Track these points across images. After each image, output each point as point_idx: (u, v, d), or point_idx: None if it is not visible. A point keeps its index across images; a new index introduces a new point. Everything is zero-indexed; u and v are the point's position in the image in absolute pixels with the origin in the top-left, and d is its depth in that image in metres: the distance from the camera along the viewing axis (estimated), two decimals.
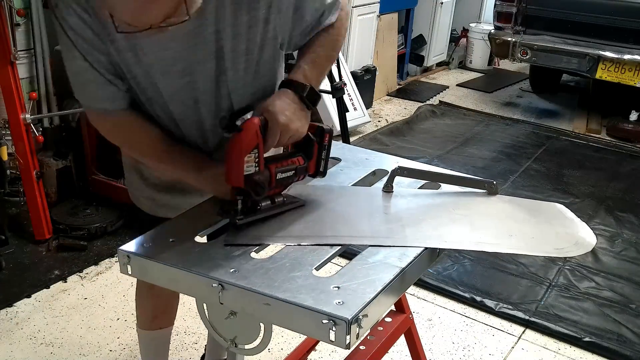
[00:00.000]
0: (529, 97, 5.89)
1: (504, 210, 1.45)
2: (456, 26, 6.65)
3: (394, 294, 1.18)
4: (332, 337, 1.03)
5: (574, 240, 1.35)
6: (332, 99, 3.60)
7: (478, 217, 1.40)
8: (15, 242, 2.80)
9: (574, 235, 1.37)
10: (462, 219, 1.38)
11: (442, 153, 4.26)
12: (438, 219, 1.38)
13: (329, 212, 1.40)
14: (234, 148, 1.23)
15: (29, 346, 2.25)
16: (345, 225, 1.35)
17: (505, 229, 1.37)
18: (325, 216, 1.38)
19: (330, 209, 1.41)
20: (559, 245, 1.32)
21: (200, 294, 1.19)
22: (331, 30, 1.37)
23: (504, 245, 1.30)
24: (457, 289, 2.70)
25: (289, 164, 1.33)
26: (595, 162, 4.30)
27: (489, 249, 1.29)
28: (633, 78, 4.54)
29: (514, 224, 1.39)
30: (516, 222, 1.40)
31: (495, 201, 1.49)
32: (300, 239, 1.26)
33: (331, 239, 1.27)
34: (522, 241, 1.32)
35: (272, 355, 2.26)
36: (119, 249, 1.24)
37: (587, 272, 2.88)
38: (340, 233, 1.30)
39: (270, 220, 1.33)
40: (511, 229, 1.37)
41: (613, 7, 4.63)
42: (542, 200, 1.60)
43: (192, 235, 1.28)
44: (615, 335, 2.46)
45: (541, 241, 1.33)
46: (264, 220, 1.32)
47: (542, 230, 1.39)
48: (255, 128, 1.22)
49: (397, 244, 1.25)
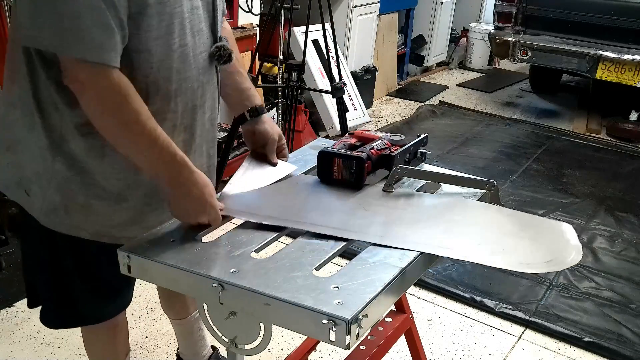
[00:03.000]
0: (529, 97, 5.89)
1: (493, 219, 1.40)
2: (456, 26, 6.65)
3: (394, 294, 1.18)
4: (332, 337, 1.03)
5: (549, 257, 1.27)
6: (332, 99, 3.59)
7: (455, 223, 1.36)
8: (16, 242, 2.79)
9: (552, 253, 1.29)
10: (441, 224, 1.35)
11: (442, 153, 4.26)
12: (415, 220, 1.36)
13: (309, 200, 1.47)
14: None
15: (29, 346, 2.25)
16: (316, 214, 1.38)
17: (479, 237, 1.31)
18: (305, 203, 1.45)
19: (312, 197, 1.47)
20: (528, 260, 1.25)
21: (200, 294, 1.19)
22: (236, 48, 1.54)
23: (468, 253, 1.25)
24: (457, 289, 2.70)
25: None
26: (595, 162, 4.30)
27: (448, 254, 1.25)
28: (633, 78, 4.54)
29: (491, 235, 1.33)
30: (497, 232, 1.35)
31: (488, 210, 1.44)
32: (265, 219, 1.34)
33: (293, 223, 1.32)
34: (488, 251, 1.26)
35: (272, 355, 2.26)
36: (119, 249, 1.24)
37: (587, 272, 2.88)
38: (307, 220, 1.34)
39: (253, 196, 1.46)
40: (486, 238, 1.31)
41: (613, 7, 4.63)
42: (543, 207, 1.56)
43: (192, 235, 1.29)
44: (615, 335, 2.46)
45: (510, 253, 1.26)
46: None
47: (518, 243, 1.31)
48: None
49: (360, 238, 1.27)
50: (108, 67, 1.15)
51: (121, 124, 1.20)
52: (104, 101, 1.18)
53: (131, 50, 1.20)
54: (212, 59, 1.39)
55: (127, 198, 1.36)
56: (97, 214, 1.36)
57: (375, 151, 1.54)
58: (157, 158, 1.24)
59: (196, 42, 1.32)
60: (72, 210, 1.35)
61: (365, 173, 1.50)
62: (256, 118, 1.56)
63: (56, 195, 1.33)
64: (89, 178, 1.32)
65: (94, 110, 1.20)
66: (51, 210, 1.35)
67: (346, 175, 1.50)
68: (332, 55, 3.88)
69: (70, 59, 1.15)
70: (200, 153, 1.47)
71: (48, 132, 1.28)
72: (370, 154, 1.51)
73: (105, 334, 1.69)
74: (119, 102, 1.18)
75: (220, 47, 1.38)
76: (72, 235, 1.38)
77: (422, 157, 1.66)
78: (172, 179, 1.27)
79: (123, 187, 1.34)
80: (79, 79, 1.17)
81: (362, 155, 1.49)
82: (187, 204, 1.29)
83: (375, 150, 1.54)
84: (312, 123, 4.30)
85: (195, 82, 1.35)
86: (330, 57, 3.76)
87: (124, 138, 1.22)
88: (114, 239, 1.38)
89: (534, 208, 3.48)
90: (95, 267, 1.48)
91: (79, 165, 1.30)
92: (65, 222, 1.37)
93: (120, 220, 1.38)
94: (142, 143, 1.22)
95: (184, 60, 1.30)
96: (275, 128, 1.59)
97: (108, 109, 1.19)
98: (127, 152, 1.25)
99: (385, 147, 1.57)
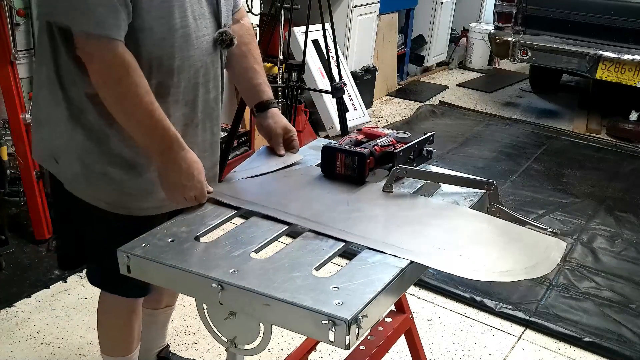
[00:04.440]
0: (529, 97, 5.89)
1: (476, 227, 1.37)
2: (456, 26, 6.65)
3: (393, 294, 1.18)
4: (331, 338, 1.03)
5: (506, 268, 1.23)
6: (332, 99, 3.60)
7: (432, 227, 1.35)
8: (15, 242, 2.80)
9: (519, 263, 1.26)
10: (414, 227, 1.34)
11: (442, 153, 4.26)
12: (396, 222, 1.36)
13: (301, 191, 1.50)
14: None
15: (29, 346, 2.25)
16: (300, 205, 1.41)
17: (440, 242, 1.28)
18: (295, 194, 1.49)
19: (306, 190, 1.50)
20: (477, 267, 1.22)
21: (200, 294, 1.19)
22: (254, 44, 1.66)
23: (430, 258, 1.23)
24: (457, 289, 2.70)
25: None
26: (595, 162, 4.30)
27: (413, 257, 1.22)
28: (633, 78, 4.54)
29: (462, 241, 1.31)
30: (464, 238, 1.32)
31: (477, 219, 1.41)
32: (248, 204, 1.40)
33: (275, 212, 1.36)
34: (448, 257, 1.24)
35: (272, 355, 2.26)
36: (119, 250, 1.24)
37: (587, 272, 2.88)
38: (289, 211, 1.37)
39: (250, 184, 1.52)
40: (450, 243, 1.29)
41: (613, 7, 4.63)
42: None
43: (192, 235, 1.29)
44: (615, 335, 2.46)
45: (472, 261, 1.24)
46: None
47: (487, 252, 1.29)
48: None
49: (339, 236, 1.28)
50: (112, 40, 1.27)
51: (120, 95, 1.31)
52: (107, 72, 1.29)
53: (136, 29, 1.31)
54: (215, 44, 1.48)
55: (139, 166, 1.45)
56: (113, 182, 1.44)
57: (378, 148, 1.55)
58: (150, 131, 1.35)
59: (198, 25, 1.42)
60: (92, 179, 1.45)
61: (367, 169, 1.51)
62: (262, 113, 1.65)
63: (77, 164, 1.44)
64: (104, 146, 1.42)
65: (97, 81, 1.31)
66: (75, 179, 1.47)
67: (349, 171, 1.52)
68: (332, 55, 3.88)
69: (79, 32, 1.28)
70: (204, 129, 1.55)
71: (68, 104, 1.40)
72: (373, 150, 1.53)
73: (123, 318, 1.73)
74: (120, 74, 1.29)
75: (223, 33, 1.48)
76: (94, 205, 1.48)
77: (428, 155, 1.66)
78: (163, 153, 1.37)
79: (134, 155, 1.43)
80: (87, 51, 1.29)
81: (365, 151, 1.51)
82: (175, 177, 1.38)
83: (378, 147, 1.55)
84: (312, 123, 4.30)
85: (199, 61, 1.44)
86: (330, 57, 3.76)
87: (121, 108, 1.33)
88: (129, 210, 1.48)
89: (534, 208, 3.48)
90: (116, 238, 1.50)
91: (95, 135, 1.41)
92: (87, 192, 1.48)
93: (134, 190, 1.46)
94: (137, 114, 1.33)
95: (185, 40, 1.39)
96: (279, 122, 1.65)
97: (110, 80, 1.30)
98: (123, 122, 1.35)
99: (390, 144, 1.58)
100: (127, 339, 1.76)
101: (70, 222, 1.60)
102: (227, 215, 1.38)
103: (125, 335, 1.75)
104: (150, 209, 1.49)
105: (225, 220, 1.37)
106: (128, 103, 1.31)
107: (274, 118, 1.65)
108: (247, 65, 1.64)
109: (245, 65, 1.64)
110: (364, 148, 1.53)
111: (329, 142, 1.60)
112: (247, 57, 1.64)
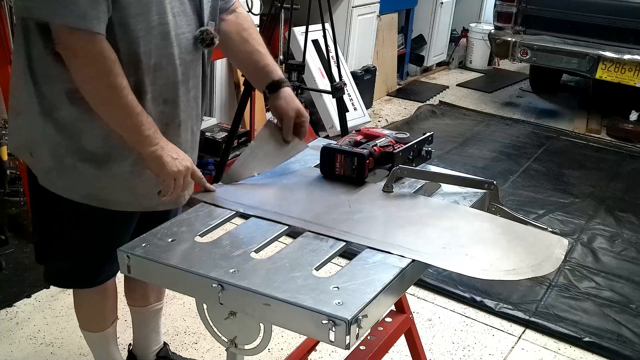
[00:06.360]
0: (529, 97, 5.89)
1: (478, 227, 1.37)
2: (456, 26, 6.65)
3: (394, 294, 1.18)
4: (331, 338, 1.03)
5: (512, 267, 1.24)
6: (332, 99, 3.59)
7: (434, 227, 1.34)
8: (15, 242, 2.80)
9: (525, 261, 1.26)
10: (416, 227, 1.34)
11: (442, 153, 4.26)
12: (398, 222, 1.36)
13: (300, 194, 1.50)
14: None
15: (29, 346, 2.25)
16: (300, 208, 1.41)
17: (443, 242, 1.28)
18: (294, 196, 1.49)
19: (306, 192, 1.51)
20: (499, 267, 1.23)
21: (200, 294, 1.19)
22: (253, 29, 1.64)
23: (436, 258, 1.23)
24: (457, 289, 2.70)
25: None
26: (595, 162, 4.30)
27: (419, 257, 1.22)
28: (633, 78, 4.54)
29: (465, 241, 1.30)
30: (470, 239, 1.32)
31: (479, 218, 1.41)
32: (245, 208, 1.40)
33: (277, 216, 1.36)
34: (454, 256, 1.24)
35: (272, 355, 2.26)
36: (119, 250, 1.24)
37: (587, 272, 2.88)
38: (290, 214, 1.38)
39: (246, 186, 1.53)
40: (453, 243, 1.29)
41: (613, 7, 4.63)
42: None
43: (192, 235, 1.29)
44: (615, 335, 2.46)
45: (479, 260, 1.24)
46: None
47: (492, 251, 1.29)
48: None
49: (340, 236, 1.28)
50: (95, 33, 1.25)
51: (104, 89, 1.30)
52: (91, 67, 1.28)
53: (115, 24, 1.30)
54: (196, 42, 1.46)
55: (113, 162, 1.44)
56: (84, 176, 1.44)
57: (378, 148, 1.55)
58: (135, 122, 1.33)
59: (177, 23, 1.40)
60: (63, 172, 1.45)
61: (366, 169, 1.51)
62: (274, 93, 1.59)
63: (48, 158, 1.44)
64: (77, 142, 1.41)
65: (80, 76, 1.30)
66: (47, 172, 1.47)
67: (348, 171, 1.52)
68: (332, 55, 3.88)
69: (60, 26, 1.26)
70: (185, 129, 1.54)
71: (40, 99, 1.39)
72: (372, 150, 1.53)
73: (94, 299, 1.76)
74: (104, 68, 1.28)
75: (204, 31, 1.46)
76: (65, 197, 1.47)
77: (427, 155, 1.66)
78: (148, 139, 1.35)
79: (107, 151, 1.42)
80: (68, 46, 1.27)
81: (364, 151, 1.51)
82: (162, 153, 1.37)
83: (378, 147, 1.55)
84: (312, 123, 4.29)
85: (178, 59, 1.43)
86: (330, 57, 3.75)
87: (105, 102, 1.32)
88: (103, 202, 1.48)
89: (534, 208, 3.48)
90: (89, 232, 1.56)
91: (67, 130, 1.40)
92: (58, 185, 1.47)
93: (107, 185, 1.46)
94: (122, 107, 1.32)
95: (164, 37, 1.38)
96: (292, 104, 1.59)
97: (94, 74, 1.29)
98: (106, 116, 1.34)
99: (389, 144, 1.58)
100: (100, 316, 1.80)
101: (44, 217, 1.59)
102: (227, 215, 1.38)
103: (98, 313, 1.80)
104: (124, 203, 1.49)
105: (225, 220, 1.37)
106: (113, 97, 1.30)
107: (287, 99, 1.58)
108: (250, 49, 1.60)
109: (249, 49, 1.60)
110: (363, 149, 1.53)
111: (328, 143, 1.60)
112: (248, 41, 1.60)
